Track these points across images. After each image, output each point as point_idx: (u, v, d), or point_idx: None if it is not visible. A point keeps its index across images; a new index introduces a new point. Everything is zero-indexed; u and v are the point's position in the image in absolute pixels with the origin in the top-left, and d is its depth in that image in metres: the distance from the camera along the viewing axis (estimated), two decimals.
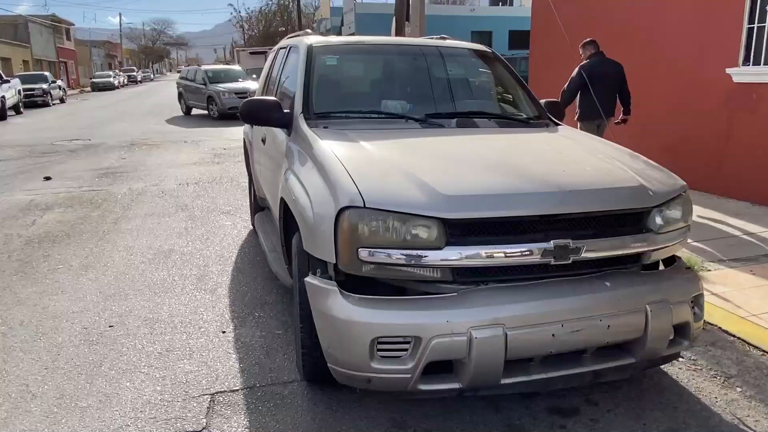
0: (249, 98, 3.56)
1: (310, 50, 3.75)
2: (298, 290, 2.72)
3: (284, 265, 3.47)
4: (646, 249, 2.55)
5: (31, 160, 10.75)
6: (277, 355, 3.27)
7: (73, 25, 55.96)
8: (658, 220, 2.56)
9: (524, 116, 3.76)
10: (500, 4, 37.87)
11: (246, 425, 2.62)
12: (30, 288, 4.34)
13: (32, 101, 24.45)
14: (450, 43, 4.29)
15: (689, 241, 2.86)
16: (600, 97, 5.97)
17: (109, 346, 3.39)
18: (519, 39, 25.46)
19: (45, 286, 4.37)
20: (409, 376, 2.25)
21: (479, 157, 2.86)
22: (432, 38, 4.54)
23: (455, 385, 2.31)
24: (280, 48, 4.78)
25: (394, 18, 11.32)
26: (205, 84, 18.40)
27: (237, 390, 2.91)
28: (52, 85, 27.08)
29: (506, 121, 3.67)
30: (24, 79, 24.99)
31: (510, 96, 4.03)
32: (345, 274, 2.39)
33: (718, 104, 6.67)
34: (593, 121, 6.23)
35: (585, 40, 6.73)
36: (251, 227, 5.75)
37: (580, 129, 5.88)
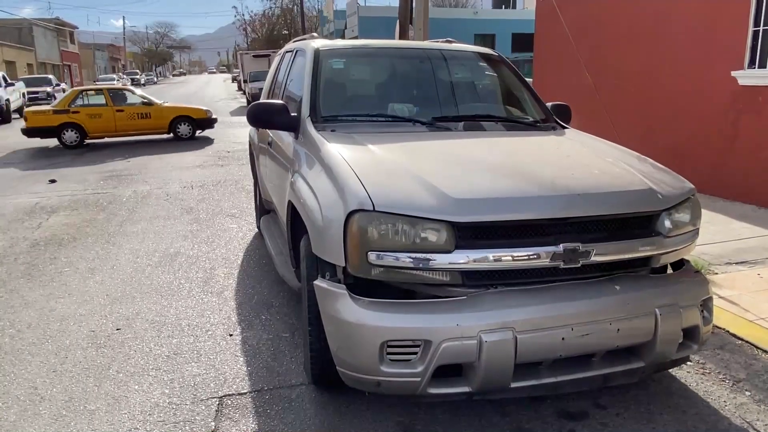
0: (255, 102, 3.57)
1: (317, 54, 3.75)
2: (306, 293, 2.72)
3: (291, 268, 3.47)
4: (655, 252, 2.55)
5: (35, 163, 10.79)
6: (284, 358, 3.27)
7: (77, 28, 56.11)
8: (667, 224, 2.56)
9: (531, 119, 3.75)
10: (503, 6, 37.94)
11: (255, 428, 2.62)
12: (37, 291, 4.36)
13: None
14: (456, 46, 4.29)
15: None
16: None
17: (117, 349, 3.40)
18: (522, 42, 25.51)
19: (52, 289, 4.38)
20: (418, 379, 2.25)
21: (487, 160, 2.85)
22: (438, 41, 4.55)
23: (465, 389, 2.31)
24: (287, 51, 4.79)
25: (398, 21, 11.33)
26: None
27: (245, 393, 2.91)
28: (56, 88, 27.18)
29: (513, 124, 3.68)
30: (28, 82, 25.28)
31: (516, 99, 4.03)
32: (354, 277, 2.39)
33: (723, 107, 6.66)
34: None
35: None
36: (257, 230, 5.76)
37: None
